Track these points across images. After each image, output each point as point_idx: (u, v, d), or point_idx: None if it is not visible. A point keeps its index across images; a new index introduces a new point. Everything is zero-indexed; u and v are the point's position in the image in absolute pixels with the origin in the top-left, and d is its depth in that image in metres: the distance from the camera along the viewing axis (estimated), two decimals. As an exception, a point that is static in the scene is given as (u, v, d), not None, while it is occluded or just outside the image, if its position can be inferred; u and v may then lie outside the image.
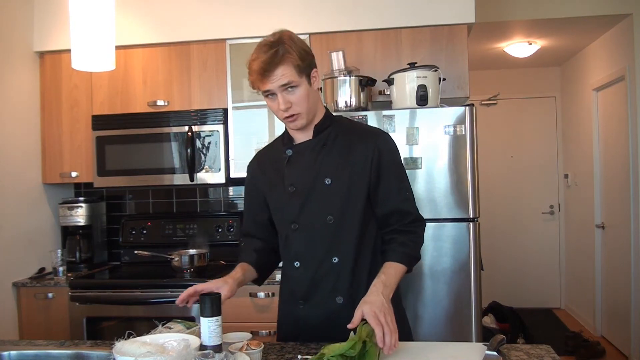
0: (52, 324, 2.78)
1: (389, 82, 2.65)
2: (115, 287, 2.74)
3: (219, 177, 2.91)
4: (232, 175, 2.94)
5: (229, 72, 2.95)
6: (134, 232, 3.21)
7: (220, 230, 3.14)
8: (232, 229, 3.13)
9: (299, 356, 1.42)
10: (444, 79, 2.62)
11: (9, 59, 2.90)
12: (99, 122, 3.00)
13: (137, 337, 1.32)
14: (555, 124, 5.61)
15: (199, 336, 1.34)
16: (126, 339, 1.27)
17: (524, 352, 1.43)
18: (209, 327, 1.32)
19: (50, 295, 2.79)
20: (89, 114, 3.04)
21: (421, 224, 1.61)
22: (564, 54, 5.00)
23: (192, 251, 2.94)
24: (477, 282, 2.43)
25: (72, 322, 2.73)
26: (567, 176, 5.38)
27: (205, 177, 2.91)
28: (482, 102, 5.46)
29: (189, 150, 2.88)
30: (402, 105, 2.57)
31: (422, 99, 2.50)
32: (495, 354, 1.36)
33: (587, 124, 4.72)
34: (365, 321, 1.32)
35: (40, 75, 3.11)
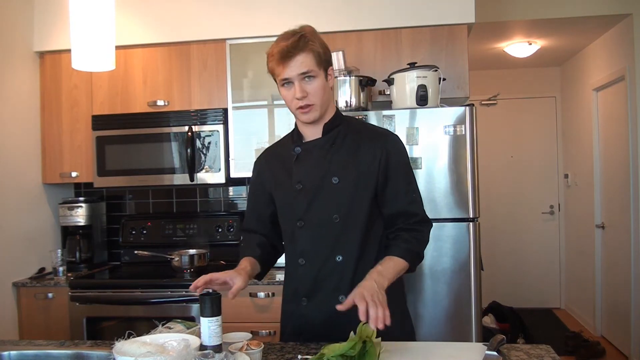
0: (52, 324, 2.78)
1: (389, 82, 2.65)
2: (115, 287, 2.74)
3: (219, 177, 2.91)
4: (232, 175, 2.94)
5: (229, 72, 2.95)
6: (134, 232, 3.21)
7: (220, 230, 3.14)
8: (232, 229, 3.13)
9: (299, 356, 1.42)
10: (444, 79, 2.62)
11: (9, 59, 2.90)
12: (99, 122, 3.00)
13: (137, 337, 1.32)
14: (555, 124, 5.61)
15: (199, 336, 1.34)
16: (126, 339, 1.27)
17: (524, 352, 1.43)
18: (209, 327, 1.32)
19: (50, 295, 2.79)
20: (89, 114, 3.04)
21: (427, 225, 1.61)
22: (564, 54, 5.00)
23: (192, 251, 2.94)
24: (477, 282, 2.43)
25: (72, 322, 2.73)
26: (567, 176, 5.38)
27: (205, 177, 2.91)
28: (482, 102, 5.46)
29: (189, 150, 2.88)
30: (402, 105, 2.57)
31: (422, 99, 2.51)
32: (495, 354, 1.36)
33: (587, 124, 4.72)
34: (365, 322, 1.32)
35: (40, 75, 3.11)
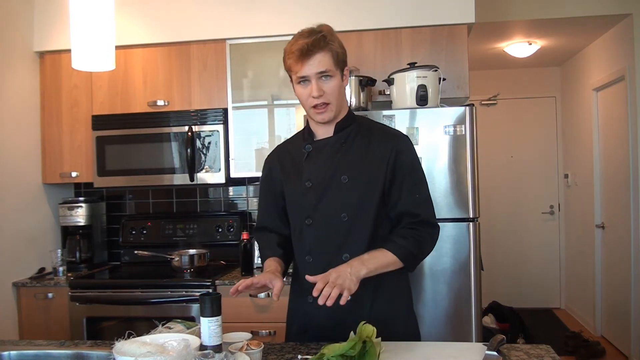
0: (52, 324, 2.78)
1: (389, 82, 2.65)
2: (115, 287, 2.74)
3: (219, 177, 2.91)
4: (232, 175, 2.94)
5: (229, 72, 2.95)
6: (134, 232, 3.21)
7: (220, 230, 3.14)
8: (232, 229, 3.13)
9: (299, 356, 1.42)
10: (444, 79, 2.62)
11: (9, 59, 2.90)
12: (99, 122, 3.00)
13: (137, 337, 1.32)
14: (555, 124, 5.61)
15: (199, 336, 1.34)
16: (126, 339, 1.27)
17: (524, 352, 1.43)
18: (209, 327, 1.32)
19: (50, 295, 2.79)
20: (89, 114, 3.04)
21: (430, 227, 1.58)
22: (564, 54, 5.00)
23: (192, 251, 2.94)
24: (477, 282, 2.43)
25: (72, 322, 2.73)
26: (567, 176, 5.38)
27: (205, 177, 2.91)
28: (482, 102, 5.46)
29: (189, 150, 2.88)
30: (402, 105, 2.57)
31: (422, 99, 2.50)
32: (495, 354, 1.36)
33: (587, 124, 4.72)
34: (365, 322, 1.32)
35: (40, 75, 3.11)
